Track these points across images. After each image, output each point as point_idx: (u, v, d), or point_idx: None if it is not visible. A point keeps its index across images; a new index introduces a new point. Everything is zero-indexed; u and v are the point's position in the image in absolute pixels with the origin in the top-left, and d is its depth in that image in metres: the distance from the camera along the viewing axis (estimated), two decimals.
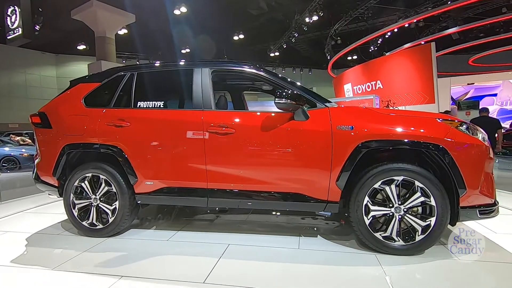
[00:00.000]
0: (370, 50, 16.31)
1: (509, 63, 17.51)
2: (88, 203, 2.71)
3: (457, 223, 2.19)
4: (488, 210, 2.13)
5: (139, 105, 2.72)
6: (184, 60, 2.92)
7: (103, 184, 2.69)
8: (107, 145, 2.66)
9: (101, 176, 2.68)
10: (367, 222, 2.22)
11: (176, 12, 12.08)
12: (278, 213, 3.23)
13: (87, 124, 2.71)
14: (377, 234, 2.22)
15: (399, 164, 2.18)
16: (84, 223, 2.70)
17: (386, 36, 14.63)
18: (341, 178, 2.22)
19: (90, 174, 2.71)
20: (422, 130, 2.16)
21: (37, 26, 9.23)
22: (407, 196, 2.18)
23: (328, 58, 17.70)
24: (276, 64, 23.19)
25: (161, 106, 2.71)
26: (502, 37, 14.45)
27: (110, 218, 2.65)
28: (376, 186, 2.20)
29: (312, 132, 2.28)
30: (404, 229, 2.20)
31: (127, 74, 2.82)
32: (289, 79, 2.54)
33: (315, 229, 2.82)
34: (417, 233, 2.16)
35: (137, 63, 18.98)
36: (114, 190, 2.65)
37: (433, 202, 2.12)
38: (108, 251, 2.42)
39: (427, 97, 10.20)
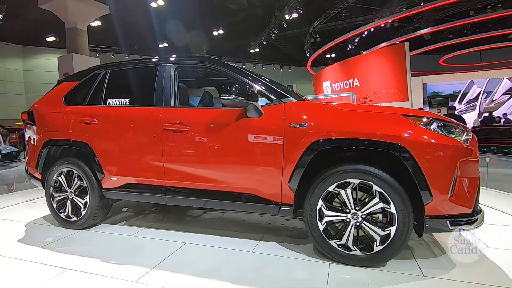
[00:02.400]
0: (348, 49, 16.65)
1: (475, 63, 18.58)
2: (64, 196, 2.90)
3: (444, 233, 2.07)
4: (464, 221, 1.85)
5: (108, 103, 2.80)
6: (154, 57, 2.92)
7: (76, 179, 2.84)
8: (78, 142, 2.80)
9: (74, 171, 2.83)
10: (321, 228, 2.04)
11: (153, 4, 11.68)
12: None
13: (64, 121, 2.87)
14: (332, 242, 2.03)
15: (354, 165, 1.97)
16: (61, 215, 2.89)
17: (363, 35, 14.99)
18: (293, 180, 2.06)
19: (65, 169, 2.87)
20: (379, 128, 1.92)
21: (0, 15, 8.59)
22: (365, 201, 1.97)
23: (308, 55, 17.90)
24: (256, 61, 23.14)
25: (127, 104, 2.75)
26: (469, 38, 15.27)
27: (83, 211, 2.81)
28: (330, 189, 2.01)
29: (264, 130, 2.15)
30: (362, 237, 2.00)
31: (102, 72, 2.95)
32: (251, 73, 2.42)
33: (291, 230, 2.77)
34: (375, 242, 1.95)
35: (112, 56, 18.23)
36: (85, 185, 2.79)
37: (393, 209, 1.89)
38: (72, 242, 2.60)
39: (401, 95, 10.58)
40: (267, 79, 2.55)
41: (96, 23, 12.28)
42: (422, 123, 1.91)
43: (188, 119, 2.41)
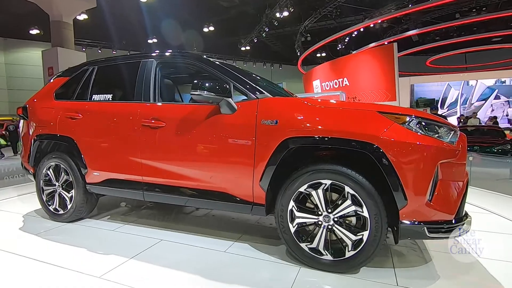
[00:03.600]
0: (338, 48, 16.82)
1: (461, 65, 19.09)
2: (53, 189, 2.95)
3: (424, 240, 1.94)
4: (444, 228, 1.71)
5: (93, 98, 2.83)
6: (139, 53, 2.94)
7: (63, 173, 2.88)
8: (64, 136, 2.85)
9: (61, 166, 2.87)
10: (292, 230, 1.95)
11: None
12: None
13: (52, 116, 2.92)
14: (303, 245, 1.94)
15: (325, 165, 1.88)
16: (50, 207, 2.95)
17: (353, 35, 15.16)
18: (264, 179, 1.98)
19: (54, 163, 2.92)
20: (351, 125, 1.81)
21: None
22: (338, 203, 1.86)
23: (298, 54, 17.97)
24: (247, 59, 23.07)
25: (109, 99, 2.77)
26: (455, 41, 15.67)
27: (68, 205, 2.85)
28: (301, 190, 1.91)
29: (236, 127, 2.08)
30: (334, 241, 1.90)
31: (90, 68, 2.97)
32: (231, 69, 2.35)
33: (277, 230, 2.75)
34: (347, 247, 1.84)
35: (99, 51, 17.83)
36: (71, 179, 2.82)
37: (365, 213, 1.78)
38: (55, 235, 2.62)
39: (389, 94, 10.76)
40: (252, 76, 2.51)
41: (83, 17, 11.95)
42: (400, 120, 1.77)
43: (165, 115, 2.38)
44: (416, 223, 1.72)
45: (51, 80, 3.22)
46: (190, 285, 1.80)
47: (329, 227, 1.88)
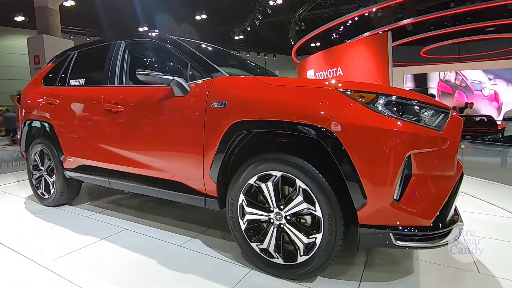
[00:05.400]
0: (332, 38, 16.63)
1: (454, 55, 19.12)
2: (40, 174, 3.06)
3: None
4: (418, 236, 1.37)
5: (70, 83, 2.84)
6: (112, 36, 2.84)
7: (45, 159, 2.96)
8: (44, 122, 2.90)
9: (44, 151, 2.94)
10: (243, 227, 1.76)
11: None
12: None
13: (38, 102, 2.97)
14: (254, 245, 1.74)
15: (273, 154, 1.64)
16: (38, 191, 3.09)
17: (348, 24, 14.98)
18: (213, 169, 1.80)
19: (39, 149, 2.98)
20: (304, 107, 1.52)
21: None
22: (289, 199, 1.63)
23: (292, 43, 17.73)
24: (240, 48, 22.73)
25: (82, 84, 2.76)
26: (449, 30, 15.61)
27: (51, 189, 2.95)
28: (251, 182, 1.70)
29: (187, 110, 1.91)
30: (287, 243, 1.67)
31: (71, 54, 3.00)
32: (192, 45, 2.21)
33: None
34: (299, 251, 1.61)
35: (87, 39, 17.35)
36: (52, 164, 2.89)
37: (318, 212, 1.52)
38: (38, 216, 2.80)
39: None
40: (222, 55, 2.47)
41: (70, 3, 11.54)
42: (364, 100, 1.44)
43: (123, 99, 2.28)
44: (378, 227, 1.40)
45: (44, 67, 3.34)
46: (128, 272, 1.80)
47: (281, 226, 1.64)
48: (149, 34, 2.45)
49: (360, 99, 1.45)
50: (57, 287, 1.66)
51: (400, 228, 1.38)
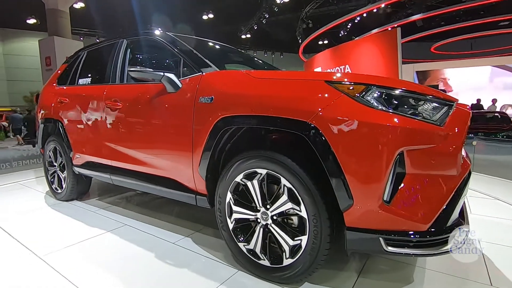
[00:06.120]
0: (340, 35, 16.46)
1: (467, 51, 18.66)
2: (54, 170, 3.19)
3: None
4: (413, 242, 1.24)
5: (78, 82, 2.94)
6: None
7: (58, 155, 3.08)
8: (56, 120, 3.03)
9: (57, 148, 3.06)
10: (231, 226, 1.71)
11: None
12: None
13: (51, 101, 3.09)
14: (241, 245, 1.68)
15: (258, 150, 1.56)
16: (53, 186, 3.23)
17: (356, 21, 14.80)
18: (202, 166, 1.76)
19: (53, 146, 3.12)
20: (288, 100, 1.44)
21: None
22: (274, 198, 1.55)
23: (300, 41, 17.63)
24: (247, 47, 22.72)
25: (89, 83, 2.86)
26: (461, 25, 15.25)
27: (63, 185, 3.07)
28: (238, 179, 1.63)
29: (177, 107, 1.89)
30: (274, 244, 1.58)
31: (81, 54, 3.10)
32: (187, 41, 2.18)
33: None
34: (284, 254, 1.52)
35: (97, 40, 17.61)
36: (64, 161, 2.99)
37: (304, 213, 1.43)
38: (50, 208, 2.97)
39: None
40: (219, 49, 2.46)
41: (79, 5, 11.72)
42: (353, 92, 1.33)
43: (121, 96, 2.31)
44: (367, 231, 1.29)
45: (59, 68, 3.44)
46: (121, 264, 1.87)
47: (268, 226, 1.57)
48: (148, 31, 2.47)
49: (349, 91, 1.34)
50: (56, 277, 1.77)
51: (391, 232, 1.26)
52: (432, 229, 1.24)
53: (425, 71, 15.66)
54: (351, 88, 1.34)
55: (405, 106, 1.32)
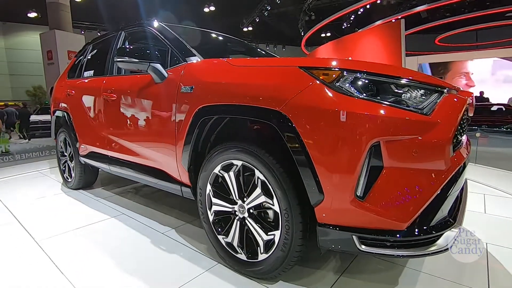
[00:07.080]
0: (343, 27, 16.27)
1: (472, 43, 18.39)
2: (65, 160, 3.34)
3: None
4: (390, 241, 1.16)
5: (83, 75, 3.03)
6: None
7: (68, 146, 3.22)
8: (64, 112, 3.17)
9: (66, 139, 3.20)
10: (211, 218, 1.69)
11: None
12: None
13: (62, 93, 3.23)
14: (220, 237, 1.66)
15: (234, 142, 1.52)
16: (64, 175, 3.39)
17: (359, 13, 14.61)
18: (184, 157, 1.75)
19: (63, 137, 3.26)
20: (260, 88, 1.39)
21: None
22: (250, 191, 1.50)
23: (302, 34, 17.45)
24: (249, 40, 22.56)
25: (91, 75, 2.93)
26: (466, 16, 15.00)
27: (72, 174, 3.21)
28: (216, 171, 1.61)
29: (162, 97, 1.88)
30: (250, 238, 1.55)
31: (88, 47, 3.21)
32: (176, 31, 2.17)
33: None
34: (259, 248, 1.50)
35: (98, 34, 17.55)
36: (72, 151, 3.10)
37: (276, 206, 1.38)
38: (61, 195, 3.17)
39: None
40: (210, 38, 2.55)
41: None
42: (328, 78, 1.23)
43: (116, 87, 2.35)
44: (339, 228, 1.22)
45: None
46: (111, 247, 1.98)
47: (245, 220, 1.54)
48: (141, 22, 2.42)
49: (322, 77, 1.25)
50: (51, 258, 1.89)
51: (366, 231, 1.18)
52: (413, 229, 1.15)
53: (443, 63, 14.76)
54: (325, 74, 1.25)
55: (387, 93, 1.21)
